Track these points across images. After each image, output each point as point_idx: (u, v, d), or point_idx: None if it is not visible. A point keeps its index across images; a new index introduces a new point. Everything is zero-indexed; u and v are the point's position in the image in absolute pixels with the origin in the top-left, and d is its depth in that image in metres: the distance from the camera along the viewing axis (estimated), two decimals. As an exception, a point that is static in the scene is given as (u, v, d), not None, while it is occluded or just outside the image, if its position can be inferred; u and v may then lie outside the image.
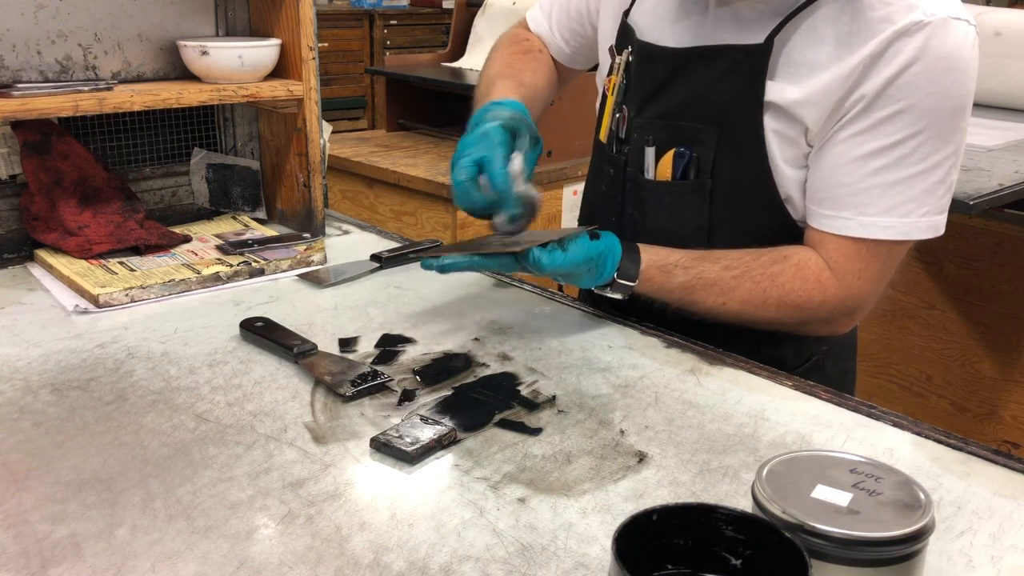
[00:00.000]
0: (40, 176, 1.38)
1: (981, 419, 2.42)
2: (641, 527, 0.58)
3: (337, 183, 2.81)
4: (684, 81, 1.14)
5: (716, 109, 1.11)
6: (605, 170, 1.27)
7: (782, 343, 1.21)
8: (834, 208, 1.08)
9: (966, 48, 1.02)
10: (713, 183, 1.13)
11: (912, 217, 1.05)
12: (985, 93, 2.75)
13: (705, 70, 1.12)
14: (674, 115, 1.16)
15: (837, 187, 1.07)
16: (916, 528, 0.62)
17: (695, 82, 1.13)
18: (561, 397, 1.01)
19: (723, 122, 1.11)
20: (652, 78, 1.18)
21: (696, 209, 1.15)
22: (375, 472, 0.86)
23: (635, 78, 1.20)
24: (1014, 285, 2.30)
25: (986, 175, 2.01)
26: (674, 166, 1.16)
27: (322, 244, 1.47)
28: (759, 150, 1.10)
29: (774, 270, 1.10)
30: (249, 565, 0.72)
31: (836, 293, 1.09)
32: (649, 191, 1.19)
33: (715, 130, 1.12)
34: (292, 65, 1.49)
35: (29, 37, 1.38)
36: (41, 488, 0.82)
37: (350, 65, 5.79)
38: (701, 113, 1.13)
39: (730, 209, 1.14)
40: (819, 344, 1.24)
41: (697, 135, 1.13)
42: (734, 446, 0.92)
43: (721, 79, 1.11)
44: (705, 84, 1.12)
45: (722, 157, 1.12)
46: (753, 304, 1.11)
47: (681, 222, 1.17)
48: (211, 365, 1.07)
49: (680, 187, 1.16)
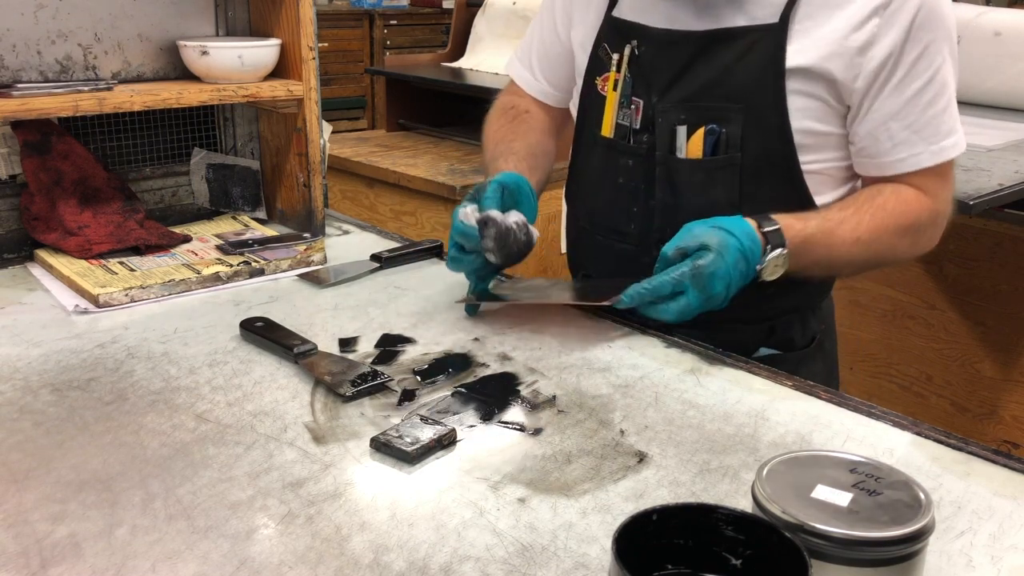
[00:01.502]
0: (40, 176, 1.38)
1: (981, 419, 2.42)
2: (641, 527, 0.58)
3: (337, 183, 2.81)
4: (706, 63, 1.19)
5: (739, 87, 1.17)
6: (620, 163, 1.27)
7: (791, 323, 1.28)
8: (909, 149, 1.16)
9: None
10: (742, 157, 1.17)
11: (957, 135, 1.18)
12: (985, 93, 2.75)
13: (726, 51, 1.17)
14: (699, 96, 1.19)
15: (902, 131, 1.16)
16: (916, 528, 0.62)
17: (717, 63, 1.18)
18: (561, 397, 1.01)
19: (747, 99, 1.16)
20: (673, 62, 1.21)
21: (727, 185, 1.19)
22: (375, 472, 0.86)
23: (651, 66, 1.22)
24: (1014, 285, 2.30)
25: (986, 175, 2.01)
26: (705, 143, 1.19)
27: (322, 244, 1.47)
28: (783, 122, 1.15)
29: (879, 201, 1.18)
30: (249, 565, 0.72)
31: (932, 207, 1.19)
32: (683, 171, 1.21)
33: (740, 107, 1.17)
34: (292, 65, 1.49)
35: (29, 37, 1.38)
36: (41, 488, 0.82)
37: (350, 65, 5.79)
38: (724, 92, 1.18)
39: (757, 184, 1.19)
40: (819, 323, 1.33)
41: (723, 113, 1.18)
42: (734, 446, 0.92)
43: (742, 59, 1.16)
44: (726, 65, 1.17)
45: (748, 131, 1.17)
46: (878, 232, 1.16)
47: (713, 199, 1.20)
48: (211, 365, 1.07)
49: (712, 163, 1.19)
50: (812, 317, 1.32)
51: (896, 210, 1.17)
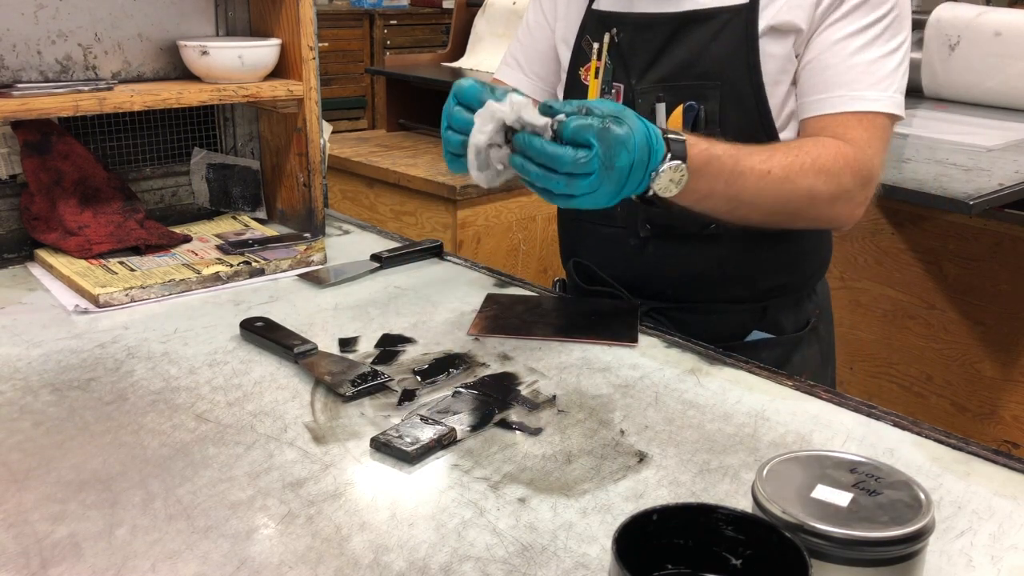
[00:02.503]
0: (40, 176, 1.38)
1: (981, 419, 2.42)
2: (641, 527, 0.58)
3: (337, 183, 2.81)
4: (680, 44, 1.21)
5: (715, 65, 1.18)
6: None
7: (784, 305, 1.29)
8: (827, 90, 1.16)
9: None
10: (721, 132, 1.17)
11: (889, 92, 1.15)
12: (985, 93, 2.75)
13: (701, 31, 1.19)
14: (676, 76, 1.21)
15: (826, 71, 1.15)
16: (916, 528, 0.62)
17: (690, 44, 1.20)
18: (561, 397, 1.01)
19: (723, 75, 1.18)
20: (651, 44, 1.23)
21: None
22: (375, 472, 0.86)
23: (629, 50, 1.24)
24: (1014, 285, 2.30)
25: (986, 175, 2.01)
26: (684, 120, 1.20)
27: (322, 244, 1.47)
28: (759, 94, 1.17)
29: (796, 142, 1.15)
30: (249, 565, 0.72)
31: (854, 156, 1.13)
32: None
33: (717, 84, 1.18)
34: (292, 65, 1.49)
35: (29, 37, 1.38)
36: (41, 488, 0.82)
37: (350, 65, 5.78)
38: (700, 71, 1.19)
39: None
40: (813, 308, 1.34)
41: (700, 91, 1.20)
42: (734, 446, 0.92)
43: (716, 38, 1.18)
44: (701, 45, 1.19)
45: (726, 106, 1.19)
46: (793, 170, 1.09)
47: None
48: (211, 365, 1.07)
49: None
50: (807, 300, 1.33)
51: (813, 151, 1.11)
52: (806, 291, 1.33)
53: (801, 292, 1.32)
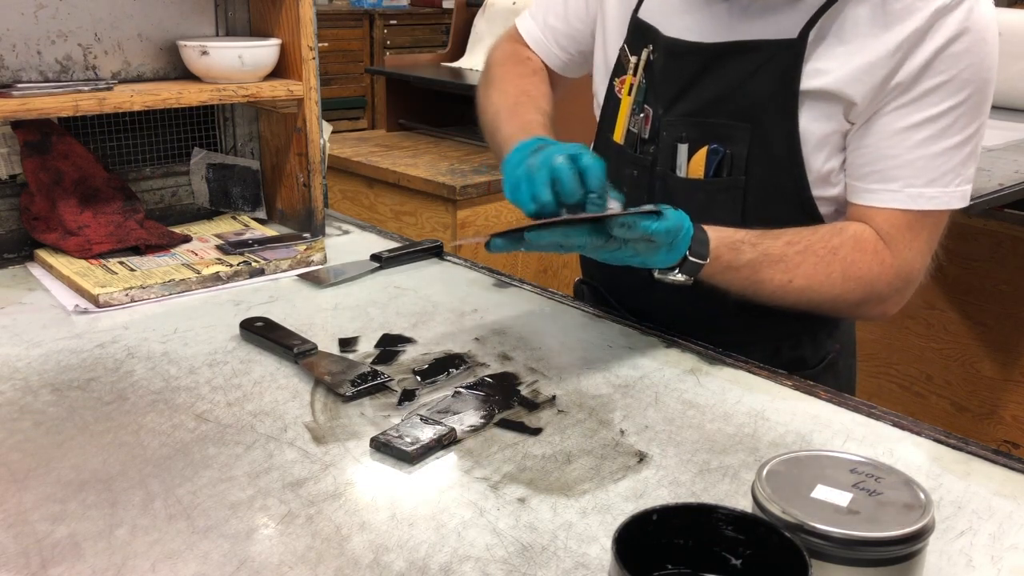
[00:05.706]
0: (40, 176, 1.38)
1: (981, 419, 2.42)
2: (641, 527, 0.58)
3: (337, 183, 2.81)
4: (715, 77, 1.12)
5: (749, 105, 1.10)
6: (626, 172, 1.23)
7: (800, 343, 1.22)
8: (881, 181, 1.07)
9: (994, 22, 1.08)
10: (746, 181, 1.11)
11: (951, 187, 1.06)
12: (985, 93, 2.74)
13: (737, 65, 1.10)
14: (705, 112, 1.13)
15: (883, 160, 1.07)
16: (916, 528, 0.62)
17: (727, 78, 1.11)
18: (561, 397, 1.01)
19: (756, 118, 1.10)
20: (681, 75, 1.15)
21: (728, 207, 1.13)
22: (375, 472, 0.86)
23: (661, 76, 1.17)
24: (1014, 285, 2.30)
25: (986, 175, 2.01)
26: (707, 163, 1.13)
27: (322, 244, 1.47)
28: (792, 145, 1.09)
29: (834, 243, 1.08)
30: (249, 565, 0.72)
31: (892, 264, 1.08)
32: (681, 190, 1.15)
33: (748, 126, 1.10)
34: (292, 65, 1.49)
35: (29, 37, 1.38)
36: (41, 488, 0.82)
37: (350, 65, 5.79)
38: (733, 109, 1.11)
39: (762, 207, 1.12)
40: (833, 342, 1.26)
41: (729, 132, 1.11)
42: (734, 446, 0.92)
43: (754, 75, 1.09)
44: (738, 80, 1.10)
45: (755, 154, 1.11)
46: (818, 280, 1.07)
47: (713, 221, 1.12)
48: (211, 365, 1.07)
49: (713, 185, 1.13)
50: (825, 336, 1.25)
51: (848, 258, 1.07)
52: (825, 328, 1.25)
53: (819, 329, 1.24)
